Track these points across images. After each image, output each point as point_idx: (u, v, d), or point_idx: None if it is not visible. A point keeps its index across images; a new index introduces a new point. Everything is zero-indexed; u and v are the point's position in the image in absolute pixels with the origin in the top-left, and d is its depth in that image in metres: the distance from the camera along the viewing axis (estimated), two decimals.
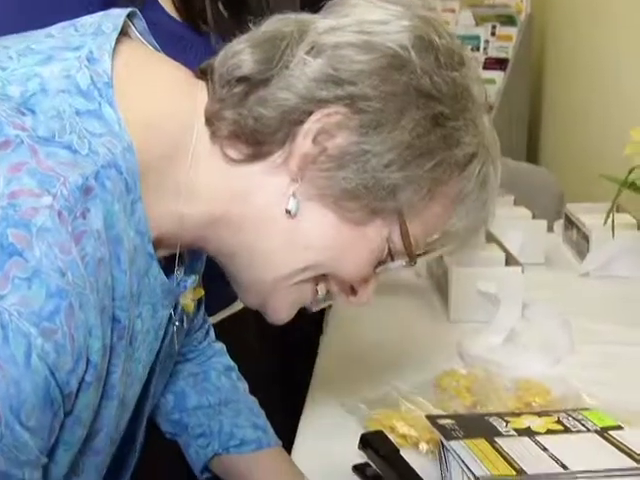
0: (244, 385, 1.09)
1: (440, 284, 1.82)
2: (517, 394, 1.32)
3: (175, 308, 0.85)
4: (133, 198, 0.74)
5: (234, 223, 0.79)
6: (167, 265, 0.83)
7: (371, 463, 1.14)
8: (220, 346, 1.10)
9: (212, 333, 1.10)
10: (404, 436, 1.21)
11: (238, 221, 0.79)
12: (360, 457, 1.18)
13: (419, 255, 0.85)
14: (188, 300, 0.87)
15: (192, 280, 0.85)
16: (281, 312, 0.84)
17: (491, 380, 1.36)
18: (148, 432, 1.00)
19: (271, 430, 1.05)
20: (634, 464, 1.02)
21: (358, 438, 1.17)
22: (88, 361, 0.69)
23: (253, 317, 1.43)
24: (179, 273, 0.84)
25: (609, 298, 1.86)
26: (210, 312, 1.31)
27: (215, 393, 1.05)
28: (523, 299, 1.68)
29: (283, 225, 0.78)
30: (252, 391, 1.12)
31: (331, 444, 1.22)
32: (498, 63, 3.87)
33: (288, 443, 1.16)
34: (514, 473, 1.00)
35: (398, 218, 0.79)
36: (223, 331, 1.19)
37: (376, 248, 0.81)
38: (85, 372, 0.69)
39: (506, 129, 3.61)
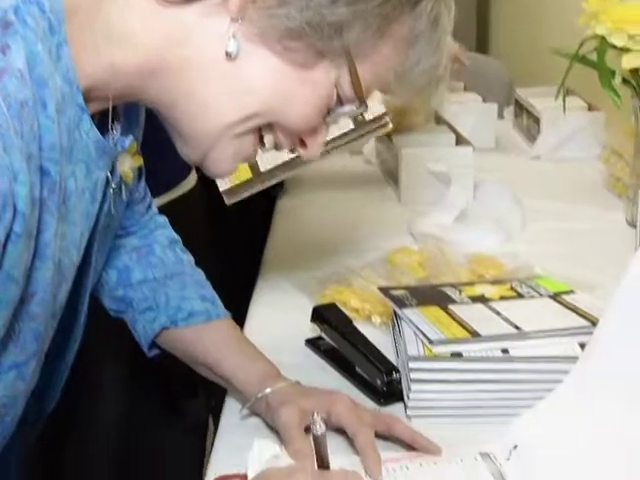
0: (189, 258, 1.05)
1: (390, 169, 1.79)
2: (470, 267, 1.31)
3: (113, 173, 0.80)
4: (58, 41, 0.69)
5: (171, 69, 0.74)
6: (101, 125, 0.79)
7: (324, 336, 1.13)
8: (163, 219, 1.06)
9: (154, 206, 1.06)
10: (357, 310, 1.19)
11: (176, 67, 0.74)
12: (313, 332, 1.16)
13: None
14: (126, 168, 0.83)
15: (129, 141, 0.81)
16: (222, 165, 0.79)
17: (444, 255, 1.34)
18: (93, 313, 0.97)
19: (219, 302, 1.02)
20: (587, 323, 1.02)
21: (310, 313, 1.15)
22: (15, 209, 0.65)
23: (201, 200, 1.40)
24: (115, 133, 0.80)
25: (559, 179, 1.86)
26: (156, 193, 1.27)
27: (160, 266, 1.02)
28: (474, 180, 1.67)
29: (223, 69, 0.73)
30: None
31: (283, 320, 1.21)
32: None
33: (239, 323, 1.14)
34: (468, 335, 0.99)
35: (346, 59, 0.75)
36: (169, 213, 1.15)
37: (324, 93, 0.76)
38: (13, 221, 0.65)
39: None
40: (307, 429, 0.90)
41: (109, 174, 0.79)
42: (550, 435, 0.87)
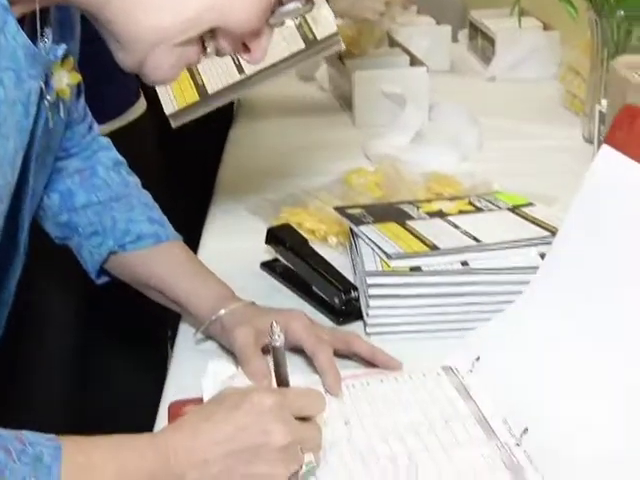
0: (135, 180, 1.01)
1: (344, 94, 1.75)
2: (427, 185, 1.29)
3: (47, 85, 0.75)
4: None
5: None
6: (32, 33, 0.73)
7: (280, 258, 1.10)
8: (106, 141, 1.01)
9: (96, 128, 1.01)
10: (312, 231, 1.16)
11: None
12: (268, 255, 1.13)
13: None
14: (63, 85, 0.78)
15: (62, 50, 0.75)
16: (161, 72, 0.74)
17: (400, 174, 1.31)
18: (38, 241, 0.93)
19: (169, 224, 0.98)
20: (547, 233, 0.99)
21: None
22: None
23: (151, 126, 1.35)
24: (46, 40, 0.74)
25: (515, 99, 1.83)
26: (104, 120, 1.22)
27: (104, 189, 0.97)
28: (429, 101, 1.63)
29: None
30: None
31: (237, 244, 1.17)
32: None
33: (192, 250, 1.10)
34: (426, 249, 0.96)
35: None
36: (119, 140, 1.10)
37: None
38: None
39: None
40: (264, 350, 0.87)
41: (42, 85, 0.74)
42: (512, 345, 0.85)
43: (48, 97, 0.75)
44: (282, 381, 0.75)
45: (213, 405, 0.72)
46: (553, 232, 0.96)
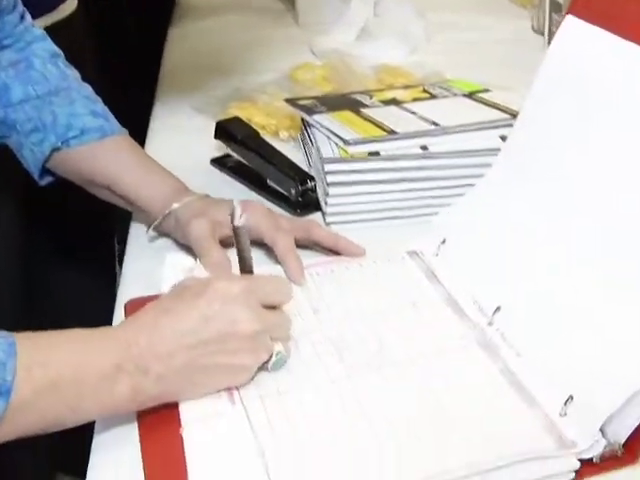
0: (74, 73, 0.94)
1: None
2: (378, 77, 1.25)
3: None
4: None
5: None
6: None
7: (231, 153, 1.05)
8: (41, 32, 0.94)
9: (29, 18, 0.94)
10: (262, 126, 1.12)
11: None
12: (218, 152, 1.09)
13: None
14: None
15: None
16: None
17: (349, 68, 1.27)
18: None
19: (113, 118, 0.92)
20: (507, 116, 0.97)
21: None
22: None
23: (84, 23, 1.27)
24: None
25: None
26: (36, 14, 1.14)
27: (42, 82, 0.90)
28: None
29: None
30: None
31: (185, 142, 1.13)
32: None
33: None
34: (384, 134, 0.93)
35: None
36: (53, 37, 1.03)
37: None
38: None
39: None
40: (221, 242, 0.83)
41: None
42: (477, 226, 0.83)
43: None
44: (245, 266, 0.72)
45: (173, 296, 0.68)
46: (513, 115, 0.93)
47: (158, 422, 0.65)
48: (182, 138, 1.14)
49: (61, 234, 1.22)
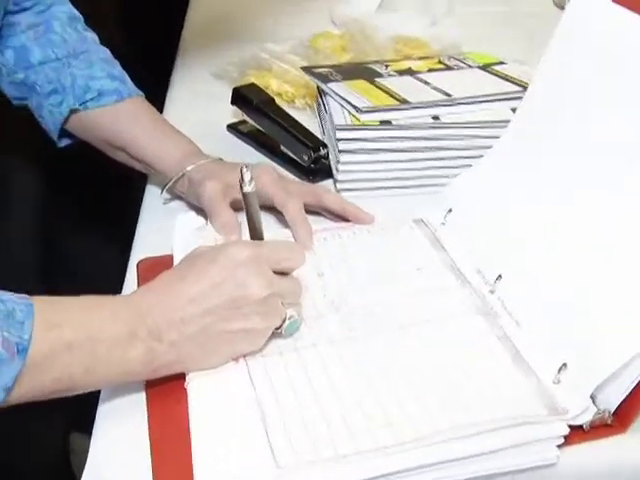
0: (93, 35, 0.96)
1: None
2: (395, 48, 1.25)
3: None
4: None
5: None
6: None
7: (247, 119, 1.07)
8: None
9: None
10: (279, 93, 1.13)
11: None
12: (235, 118, 1.10)
13: None
14: None
15: None
16: None
17: (367, 37, 1.28)
18: None
19: (130, 81, 0.94)
20: (519, 88, 0.98)
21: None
22: None
23: None
24: None
25: None
26: None
27: (61, 45, 0.92)
28: None
29: None
30: None
31: (203, 108, 1.14)
32: None
33: None
34: (397, 103, 0.94)
35: None
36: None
37: None
38: None
39: None
40: (233, 205, 0.85)
41: None
42: (483, 197, 0.84)
43: None
44: (255, 231, 0.73)
45: (186, 264, 0.69)
46: (525, 87, 0.94)
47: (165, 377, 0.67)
48: (200, 103, 1.16)
49: (81, 199, 1.24)
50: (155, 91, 1.14)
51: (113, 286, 0.83)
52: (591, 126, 0.76)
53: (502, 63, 1.09)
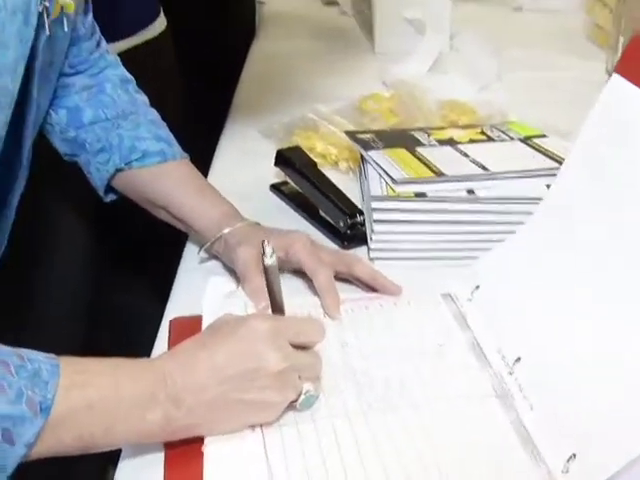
0: (143, 98, 1.00)
1: (365, 19, 1.72)
2: (442, 113, 1.27)
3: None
4: None
5: None
6: None
7: (289, 180, 1.10)
8: (114, 58, 1.00)
9: (104, 44, 1.00)
10: (323, 155, 1.16)
11: None
12: (279, 178, 1.13)
13: None
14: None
15: None
16: None
17: (416, 101, 1.30)
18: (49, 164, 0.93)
19: (176, 143, 0.98)
20: (556, 165, 0.98)
21: None
22: None
23: (169, 45, 1.33)
24: None
25: (540, 30, 1.80)
26: (121, 36, 1.21)
27: (111, 106, 0.97)
28: (451, 30, 1.61)
29: None
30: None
31: (248, 166, 1.18)
32: None
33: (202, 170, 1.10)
34: (432, 175, 0.96)
35: None
36: (135, 58, 1.09)
37: None
38: None
39: None
40: None
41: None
42: (511, 275, 0.85)
43: (47, 3, 0.75)
44: (276, 304, 0.75)
45: (209, 332, 0.71)
46: (562, 163, 0.95)
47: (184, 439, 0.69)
48: (247, 161, 1.19)
49: (127, 252, 1.28)
50: (205, 147, 1.18)
51: (149, 341, 0.86)
52: (624, 214, 0.77)
53: (543, 136, 1.09)
